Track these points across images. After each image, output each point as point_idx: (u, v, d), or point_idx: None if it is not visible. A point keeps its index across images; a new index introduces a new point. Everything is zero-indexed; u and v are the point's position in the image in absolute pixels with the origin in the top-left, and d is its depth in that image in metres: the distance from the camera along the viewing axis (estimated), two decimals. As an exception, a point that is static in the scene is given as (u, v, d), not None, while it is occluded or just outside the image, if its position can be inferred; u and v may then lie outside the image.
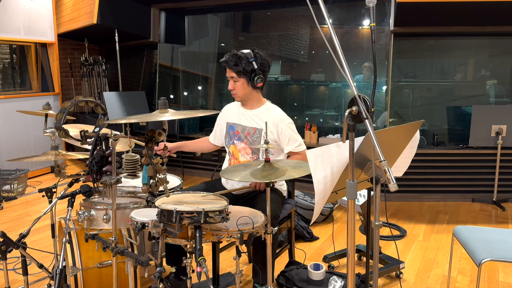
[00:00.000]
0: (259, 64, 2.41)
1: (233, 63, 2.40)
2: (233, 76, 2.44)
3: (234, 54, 2.42)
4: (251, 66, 2.40)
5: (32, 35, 5.29)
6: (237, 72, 2.41)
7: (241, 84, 2.44)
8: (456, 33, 4.52)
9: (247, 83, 2.44)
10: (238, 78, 2.43)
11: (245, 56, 2.39)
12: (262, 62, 2.42)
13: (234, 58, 2.40)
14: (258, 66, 2.41)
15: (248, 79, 2.43)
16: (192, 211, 1.68)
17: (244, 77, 2.42)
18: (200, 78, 6.49)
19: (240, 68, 2.39)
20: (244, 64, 2.39)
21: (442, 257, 3.06)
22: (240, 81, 2.44)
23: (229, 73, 2.45)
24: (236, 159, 2.56)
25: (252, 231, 1.84)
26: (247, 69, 2.40)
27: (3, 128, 5.01)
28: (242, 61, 2.38)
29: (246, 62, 2.39)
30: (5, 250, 1.91)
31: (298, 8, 5.47)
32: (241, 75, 2.42)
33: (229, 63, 2.41)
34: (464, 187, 4.30)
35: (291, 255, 2.85)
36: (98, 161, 1.79)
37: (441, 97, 4.85)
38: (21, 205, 4.32)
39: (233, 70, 2.42)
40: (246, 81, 2.43)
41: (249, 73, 2.41)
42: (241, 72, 2.40)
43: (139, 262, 1.73)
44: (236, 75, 2.42)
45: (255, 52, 2.43)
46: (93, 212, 1.89)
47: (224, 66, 2.46)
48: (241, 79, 2.43)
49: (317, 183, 1.67)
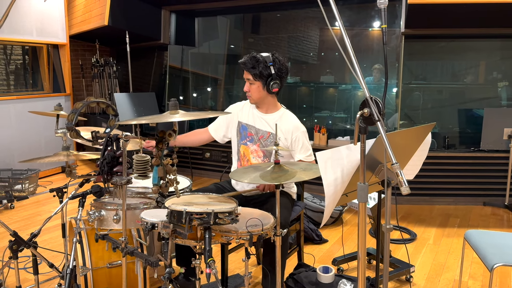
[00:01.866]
0: (276, 69, 2.39)
1: (250, 65, 2.39)
2: (249, 78, 2.43)
3: (253, 56, 2.40)
4: (268, 71, 2.38)
5: (44, 37, 5.35)
6: (254, 75, 2.39)
7: (256, 87, 2.43)
8: (467, 35, 4.48)
9: (263, 87, 2.42)
10: (254, 81, 2.42)
11: (264, 59, 2.38)
12: (280, 67, 2.40)
13: (252, 61, 2.39)
14: (276, 71, 2.39)
15: (264, 83, 2.41)
16: (202, 212, 1.68)
17: (260, 80, 2.41)
18: (210, 80, 6.50)
19: (257, 71, 2.38)
20: (262, 67, 2.37)
21: (453, 261, 3.03)
22: (256, 84, 2.42)
23: (246, 75, 2.44)
24: (248, 161, 2.55)
25: (262, 233, 1.84)
26: (264, 73, 2.38)
27: (15, 128, 5.07)
28: (259, 65, 2.37)
29: (264, 66, 2.37)
30: (17, 249, 1.92)
31: (308, 10, 5.47)
32: (257, 78, 2.40)
33: (247, 65, 2.40)
34: (475, 190, 4.26)
35: (300, 257, 2.84)
36: (109, 161, 1.80)
37: (452, 100, 4.81)
38: (32, 204, 4.36)
39: (250, 73, 2.40)
40: (261, 84, 2.42)
41: (265, 77, 2.39)
42: (258, 76, 2.39)
43: (148, 262, 1.73)
44: (253, 77, 2.41)
45: (274, 56, 2.41)
46: (103, 212, 1.90)
47: (242, 67, 2.45)
48: (257, 82, 2.41)
49: (327, 186, 1.66)
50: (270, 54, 2.42)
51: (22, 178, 4.51)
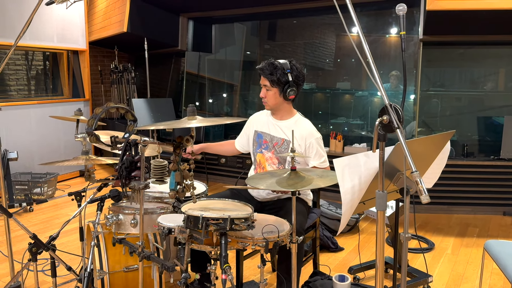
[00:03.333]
0: (294, 76, 2.39)
1: (268, 72, 2.39)
2: (266, 85, 2.43)
3: (271, 63, 2.40)
4: (285, 77, 2.38)
5: (64, 43, 5.46)
6: (271, 81, 2.40)
7: (273, 94, 2.43)
8: (486, 41, 4.42)
9: (279, 94, 2.42)
10: (271, 87, 2.42)
11: (282, 66, 2.38)
12: (297, 74, 2.40)
13: (270, 67, 2.39)
14: (293, 79, 2.38)
15: (281, 90, 2.41)
16: (218, 218, 1.68)
17: (277, 87, 2.41)
18: (226, 86, 6.54)
19: (274, 77, 2.38)
20: (279, 74, 2.37)
21: (472, 272, 2.97)
22: (272, 90, 2.42)
23: (263, 80, 2.44)
24: (263, 168, 2.55)
25: (278, 239, 1.83)
26: (281, 80, 2.38)
27: (36, 132, 5.17)
28: (277, 71, 2.37)
29: (282, 72, 2.37)
30: (36, 252, 1.95)
31: (325, 17, 5.46)
32: (275, 85, 2.40)
33: (265, 71, 2.41)
34: (495, 200, 4.17)
35: (315, 265, 2.82)
36: (128, 166, 1.82)
37: (471, 107, 4.74)
38: (50, 208, 4.43)
39: (267, 79, 2.41)
40: (278, 91, 2.42)
41: (282, 84, 2.39)
42: (275, 82, 2.39)
43: (165, 267, 1.74)
44: (270, 84, 2.41)
45: (292, 63, 2.41)
46: (121, 217, 1.92)
47: (259, 73, 2.46)
48: (274, 88, 2.42)
49: (345, 193, 1.65)
50: (288, 61, 2.42)
51: (41, 182, 4.59)
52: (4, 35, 4.71)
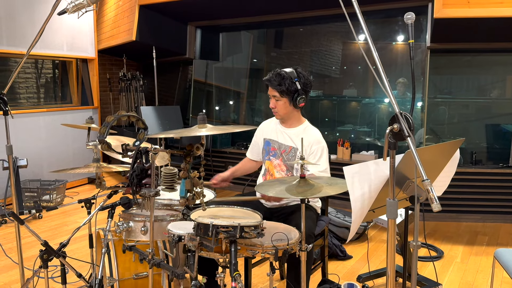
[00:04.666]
0: (302, 84, 2.39)
1: (276, 82, 2.39)
2: (275, 95, 2.43)
3: (277, 73, 2.41)
4: (294, 86, 2.38)
5: (74, 51, 5.52)
6: (280, 91, 2.40)
7: (283, 104, 2.44)
8: (494, 49, 4.41)
9: (289, 103, 2.43)
10: (280, 98, 2.42)
11: (289, 76, 2.38)
12: (305, 82, 2.41)
13: (278, 78, 2.39)
14: (302, 86, 2.39)
15: (291, 99, 2.41)
16: (228, 226, 1.69)
17: (286, 96, 2.41)
18: (233, 93, 6.58)
19: (283, 88, 2.38)
20: (288, 84, 2.37)
21: (482, 281, 2.94)
22: (282, 100, 2.43)
23: (271, 91, 2.45)
24: (272, 175, 2.56)
25: (287, 247, 1.83)
26: (290, 89, 2.38)
27: (45, 140, 5.22)
28: (285, 81, 2.37)
29: (290, 82, 2.37)
30: (47, 259, 1.97)
31: (331, 24, 5.49)
32: (284, 95, 2.41)
33: (273, 83, 2.41)
34: (504, 207, 4.14)
35: (324, 273, 2.81)
36: (138, 173, 1.83)
37: (479, 114, 4.72)
38: (59, 215, 4.46)
39: (277, 90, 2.41)
40: (288, 100, 2.42)
41: (292, 93, 2.39)
42: (284, 92, 2.39)
43: (175, 274, 1.75)
44: (279, 94, 2.41)
45: (298, 71, 2.41)
46: (131, 224, 1.93)
47: (266, 85, 2.47)
48: (283, 98, 2.42)
49: (354, 201, 1.65)
50: (294, 69, 2.43)
51: (50, 189, 4.63)
52: (15, 44, 4.78)
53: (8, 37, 4.72)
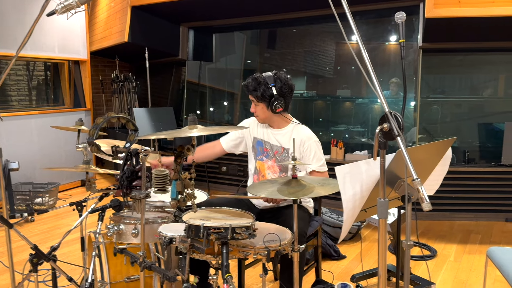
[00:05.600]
0: (278, 89, 2.37)
1: (252, 88, 2.39)
2: (253, 100, 2.44)
3: (254, 78, 2.40)
4: (269, 91, 2.36)
5: (66, 53, 5.48)
6: (256, 97, 2.40)
7: (261, 108, 2.44)
8: (486, 48, 4.43)
9: (267, 108, 2.42)
10: (258, 103, 2.42)
11: (265, 81, 2.37)
12: (282, 86, 2.38)
13: (254, 83, 2.39)
14: (278, 91, 2.36)
15: (268, 104, 2.40)
16: (220, 227, 1.68)
17: (263, 102, 2.40)
18: (226, 94, 6.57)
19: (258, 93, 2.37)
20: (263, 89, 2.36)
21: (475, 279, 2.95)
22: (260, 105, 2.43)
23: (250, 96, 2.46)
24: (263, 176, 2.55)
25: (279, 248, 1.82)
26: (265, 95, 2.37)
27: (37, 142, 5.17)
28: (261, 87, 2.36)
29: (265, 87, 2.36)
30: (37, 263, 1.95)
31: (324, 25, 5.49)
32: (260, 100, 2.40)
33: (249, 88, 2.41)
34: (497, 206, 4.16)
35: (317, 273, 2.80)
36: (129, 176, 1.82)
37: (472, 114, 4.74)
38: (51, 218, 4.42)
39: (253, 95, 2.42)
40: (265, 106, 2.41)
41: (267, 98, 2.38)
42: (259, 98, 2.39)
43: (166, 277, 1.74)
44: (256, 100, 2.42)
45: (276, 76, 2.39)
46: (122, 226, 1.91)
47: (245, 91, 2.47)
48: (260, 103, 2.42)
49: (346, 201, 1.65)
50: (273, 73, 2.40)
51: (42, 192, 4.59)
52: (5, 46, 4.74)
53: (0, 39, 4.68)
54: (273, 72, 2.42)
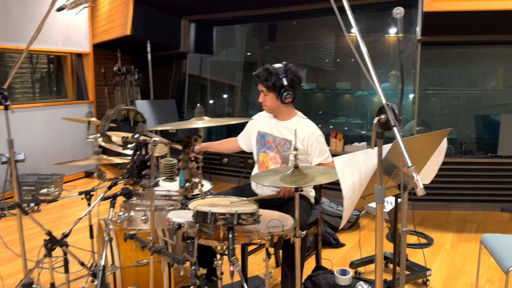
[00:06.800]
0: (289, 80, 2.46)
1: (263, 78, 2.47)
2: (263, 90, 2.52)
3: (265, 68, 2.48)
4: (280, 82, 2.45)
5: (69, 46, 5.55)
6: (267, 87, 2.48)
7: (270, 98, 2.52)
8: (483, 41, 4.50)
9: (276, 98, 2.50)
10: (267, 93, 2.50)
11: (276, 71, 2.45)
12: (292, 78, 2.47)
13: (265, 73, 2.47)
14: (288, 82, 2.46)
15: (277, 94, 2.49)
16: (226, 213, 1.77)
17: (273, 92, 2.49)
18: (227, 87, 6.64)
19: (269, 83, 2.46)
20: (274, 80, 2.45)
21: (470, 266, 3.06)
22: (269, 95, 2.51)
23: (260, 86, 2.53)
24: (266, 167, 2.64)
25: (282, 233, 1.92)
26: (276, 85, 2.46)
27: (42, 134, 5.26)
28: (272, 77, 2.45)
29: (276, 78, 2.45)
30: (51, 248, 2.04)
31: (324, 18, 5.55)
32: (270, 90, 2.49)
33: (260, 78, 2.49)
34: (492, 196, 4.26)
35: (318, 260, 2.91)
36: (139, 165, 1.91)
37: (469, 106, 4.82)
38: (57, 208, 4.52)
39: (263, 85, 2.49)
40: (275, 96, 2.50)
41: (278, 88, 2.47)
42: (271, 87, 2.47)
43: (176, 260, 1.83)
44: (266, 89, 2.50)
45: (286, 67, 2.48)
46: (132, 213, 2.01)
47: (256, 80, 2.54)
48: (270, 93, 2.50)
49: (346, 190, 1.74)
50: (283, 65, 2.49)
51: (48, 183, 4.68)
52: (9, 39, 4.80)
53: (2, 32, 4.74)
54: (283, 63, 2.51)
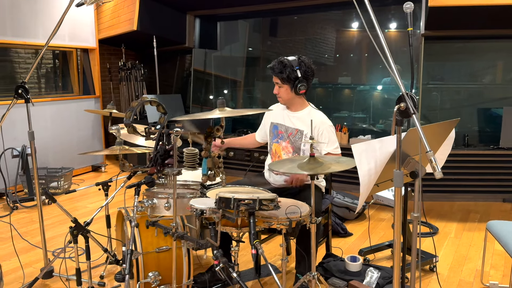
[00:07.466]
0: (303, 72, 2.55)
1: (278, 70, 2.56)
2: (277, 82, 2.61)
3: (280, 61, 2.57)
4: (295, 74, 2.54)
5: (75, 41, 5.60)
6: (282, 79, 2.57)
7: (285, 90, 2.61)
8: (486, 35, 4.59)
9: (291, 89, 2.59)
10: (282, 84, 2.59)
11: (290, 64, 2.54)
12: (306, 70, 2.56)
13: (280, 66, 2.55)
14: (302, 74, 2.55)
15: (292, 86, 2.58)
16: (248, 199, 1.86)
17: (288, 83, 2.58)
18: (230, 82, 6.71)
19: (284, 75, 2.55)
20: (289, 72, 2.53)
21: (475, 253, 3.16)
22: (284, 87, 2.60)
23: (274, 78, 2.61)
24: (279, 157, 2.73)
25: (300, 219, 2.01)
26: (291, 77, 2.55)
27: (50, 128, 5.32)
28: (286, 69, 2.53)
29: (291, 70, 2.53)
30: (77, 234, 2.13)
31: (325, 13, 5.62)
32: (285, 82, 2.57)
33: (275, 70, 2.57)
34: (494, 187, 4.36)
35: (328, 248, 3.00)
36: (162, 154, 1.99)
37: (471, 99, 4.91)
38: (68, 201, 4.60)
39: (278, 77, 2.58)
40: (289, 87, 2.59)
41: (292, 80, 2.56)
42: (285, 79, 2.56)
43: (199, 244, 1.92)
44: (281, 81, 2.58)
45: (300, 60, 2.57)
46: (155, 201, 2.09)
47: (270, 72, 2.63)
48: (285, 85, 2.59)
49: (363, 176, 1.82)
50: (297, 57, 2.58)
51: (58, 176, 4.76)
52: (18, 35, 4.86)
53: (12, 27, 4.79)
54: (297, 56, 2.59)
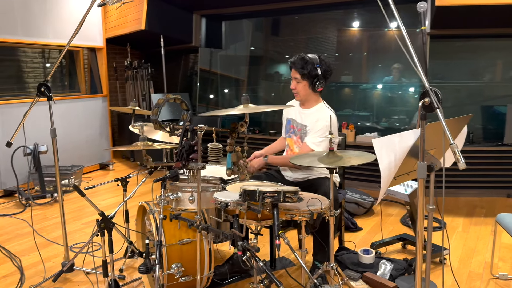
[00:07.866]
0: (323, 70, 2.63)
1: (300, 65, 2.63)
2: (296, 77, 2.67)
3: (302, 57, 2.64)
4: (315, 71, 2.61)
5: (83, 41, 5.66)
6: (302, 74, 2.64)
7: (303, 86, 2.68)
8: (490, 34, 4.67)
9: (309, 86, 2.66)
10: (301, 80, 2.66)
11: (312, 61, 2.61)
12: (326, 69, 2.64)
13: (302, 61, 2.62)
14: (322, 72, 2.62)
15: (310, 83, 2.65)
16: (273, 191, 1.93)
17: (307, 80, 2.65)
18: (233, 81, 6.78)
19: (305, 71, 2.62)
20: (310, 68, 2.61)
21: (483, 246, 3.24)
22: (302, 83, 2.67)
23: (293, 73, 2.68)
24: (292, 150, 2.82)
25: (321, 211, 2.08)
26: (311, 73, 2.62)
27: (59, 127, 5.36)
28: (308, 65, 2.61)
29: (312, 67, 2.60)
30: (104, 228, 2.19)
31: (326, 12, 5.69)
32: (305, 78, 2.64)
33: (296, 65, 2.64)
34: (499, 183, 4.44)
35: (340, 241, 3.07)
36: (187, 149, 2.06)
37: (475, 97, 5.00)
38: (77, 199, 4.65)
39: (299, 72, 2.64)
40: (308, 83, 2.66)
41: (312, 77, 2.63)
42: (305, 75, 2.63)
43: (224, 235, 1.99)
44: (300, 77, 2.65)
45: (321, 58, 2.64)
46: (180, 194, 2.16)
47: (290, 66, 2.69)
48: (303, 81, 2.66)
49: (383, 169, 1.90)
50: (317, 56, 2.66)
51: (68, 174, 4.81)
52: (28, 34, 4.91)
53: (23, 27, 4.84)
54: (318, 54, 2.67)
